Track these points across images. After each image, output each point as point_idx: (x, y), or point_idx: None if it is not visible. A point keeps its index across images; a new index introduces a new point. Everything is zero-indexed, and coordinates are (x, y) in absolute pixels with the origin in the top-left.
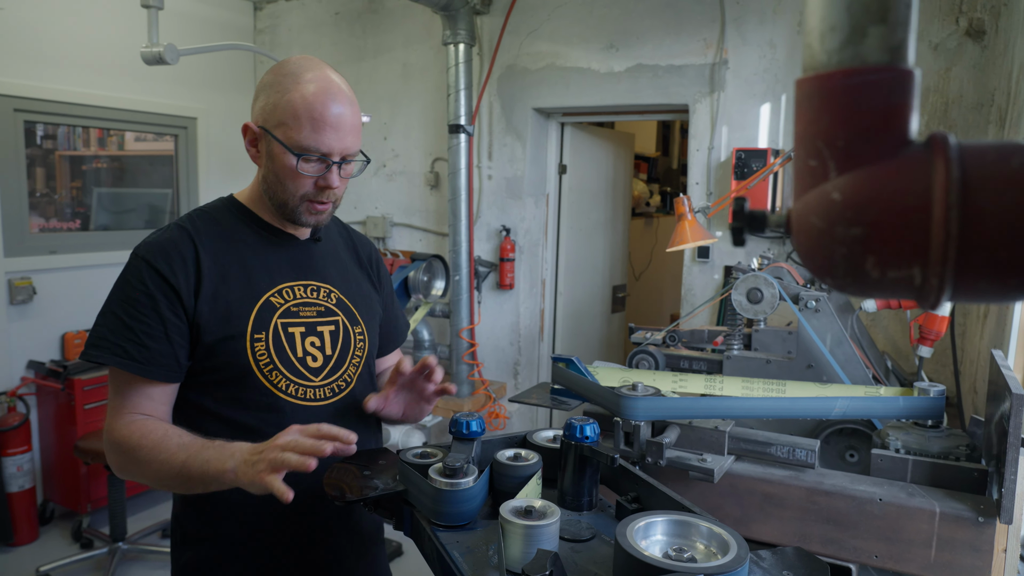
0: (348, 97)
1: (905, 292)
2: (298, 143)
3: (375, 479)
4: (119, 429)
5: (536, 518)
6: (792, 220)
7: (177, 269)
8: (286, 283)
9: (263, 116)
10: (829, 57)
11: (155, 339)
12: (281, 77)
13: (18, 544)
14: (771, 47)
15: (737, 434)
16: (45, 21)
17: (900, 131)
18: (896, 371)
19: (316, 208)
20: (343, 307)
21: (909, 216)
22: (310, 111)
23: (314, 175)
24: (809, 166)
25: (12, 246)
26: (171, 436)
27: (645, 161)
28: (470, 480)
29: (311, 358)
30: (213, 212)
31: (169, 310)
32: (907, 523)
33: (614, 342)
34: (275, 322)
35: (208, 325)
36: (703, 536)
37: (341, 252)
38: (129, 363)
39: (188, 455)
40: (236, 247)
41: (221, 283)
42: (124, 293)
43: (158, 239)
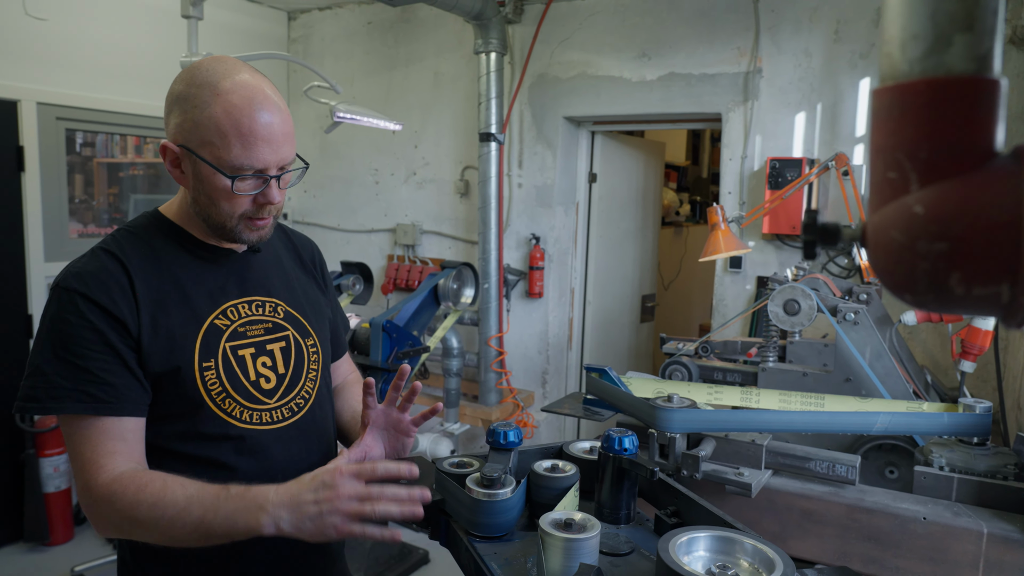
0: (275, 101)
1: (990, 309)
2: (229, 163)
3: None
4: (105, 486)
5: (576, 531)
6: (869, 234)
7: (117, 298)
8: (229, 302)
9: (183, 134)
10: (911, 66)
11: (115, 374)
12: (195, 88)
13: (54, 544)
14: (806, 55)
15: (775, 448)
16: (87, 32)
17: (986, 142)
18: (936, 386)
19: (257, 224)
20: (292, 320)
21: (997, 231)
22: (237, 126)
23: (252, 192)
24: (888, 178)
25: (52, 251)
26: (172, 487)
27: (675, 170)
28: (508, 491)
29: (264, 380)
30: (139, 232)
31: (120, 342)
32: (953, 543)
33: (643, 352)
34: (223, 347)
35: (151, 357)
36: (747, 553)
37: (283, 259)
38: (97, 406)
39: (204, 510)
40: (169, 269)
41: (159, 310)
42: (64, 333)
43: (86, 268)
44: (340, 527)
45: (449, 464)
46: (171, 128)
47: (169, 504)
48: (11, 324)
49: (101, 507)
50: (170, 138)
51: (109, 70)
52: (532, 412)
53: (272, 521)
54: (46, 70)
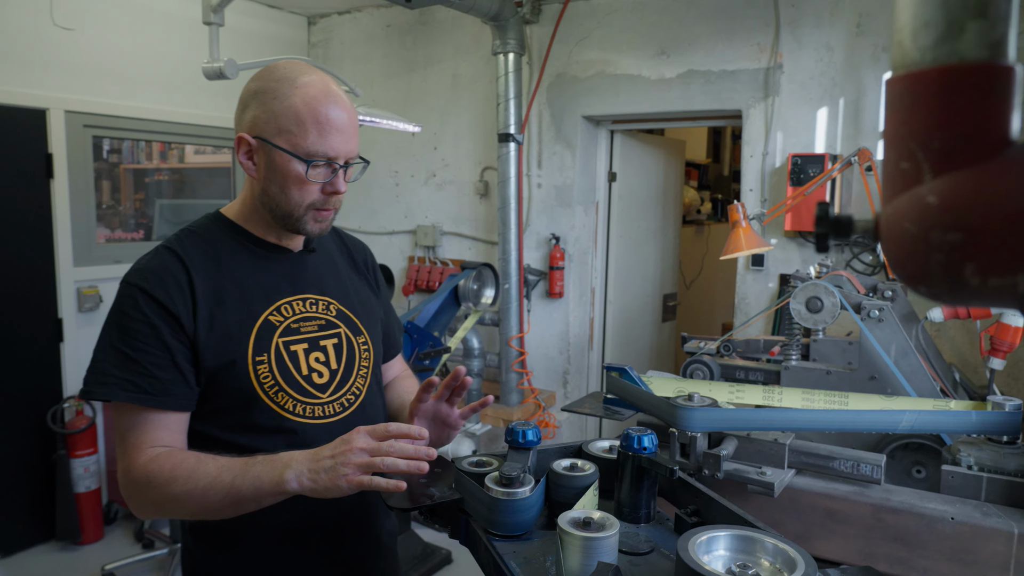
0: (345, 99)
1: (1007, 301)
2: (305, 149)
3: (431, 487)
4: (143, 467)
5: (595, 530)
6: (882, 225)
7: (174, 295)
8: (284, 299)
9: (259, 126)
10: (923, 54)
11: (163, 368)
12: (274, 83)
13: (85, 543)
14: (828, 50)
15: (798, 447)
16: (111, 41)
17: (1001, 131)
18: (964, 384)
19: (321, 215)
20: (344, 318)
21: (1013, 220)
22: (315, 115)
23: (321, 181)
24: (900, 169)
25: (81, 256)
26: (205, 461)
27: (696, 168)
28: (527, 490)
29: (316, 374)
30: (202, 231)
31: (172, 337)
32: (982, 544)
33: (664, 351)
34: (276, 342)
35: (207, 351)
36: (768, 552)
37: (337, 260)
38: (141, 396)
39: (234, 475)
40: (228, 267)
41: (216, 306)
42: (123, 325)
43: (149, 265)
44: (351, 477)
45: (468, 463)
46: (246, 122)
47: (202, 475)
48: (41, 328)
49: (140, 488)
50: (245, 131)
51: (134, 78)
52: (553, 412)
53: (295, 475)
54: (73, 79)
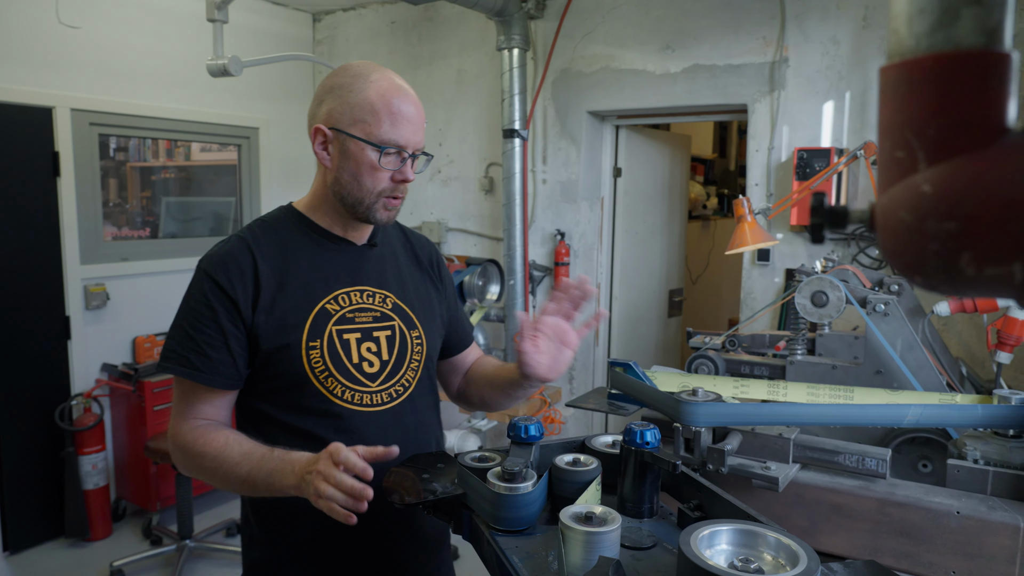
0: (414, 95)
1: (1004, 290)
2: (379, 137)
3: (434, 483)
4: (183, 434)
5: (597, 524)
6: (877, 215)
7: (235, 280)
8: (341, 289)
9: (334, 117)
10: (918, 41)
11: (216, 349)
12: (349, 79)
13: (93, 540)
14: (834, 43)
15: (802, 441)
16: (117, 39)
17: (997, 118)
18: (972, 378)
19: (390, 204)
20: (399, 312)
21: (1009, 208)
22: (388, 106)
23: (392, 169)
24: (896, 158)
25: (87, 254)
26: (232, 445)
27: (702, 163)
28: (529, 484)
29: (367, 364)
30: (272, 221)
31: (228, 320)
32: (988, 538)
33: (671, 347)
34: (330, 329)
35: (265, 334)
36: (771, 547)
37: (399, 255)
38: (192, 372)
39: (251, 466)
40: (293, 255)
41: (278, 292)
42: (188, 306)
43: (219, 251)
44: (314, 497)
45: (471, 458)
46: (322, 114)
47: (225, 459)
48: (50, 325)
49: (176, 452)
50: (321, 122)
51: (139, 76)
52: (559, 408)
53: (296, 483)
54: (79, 77)
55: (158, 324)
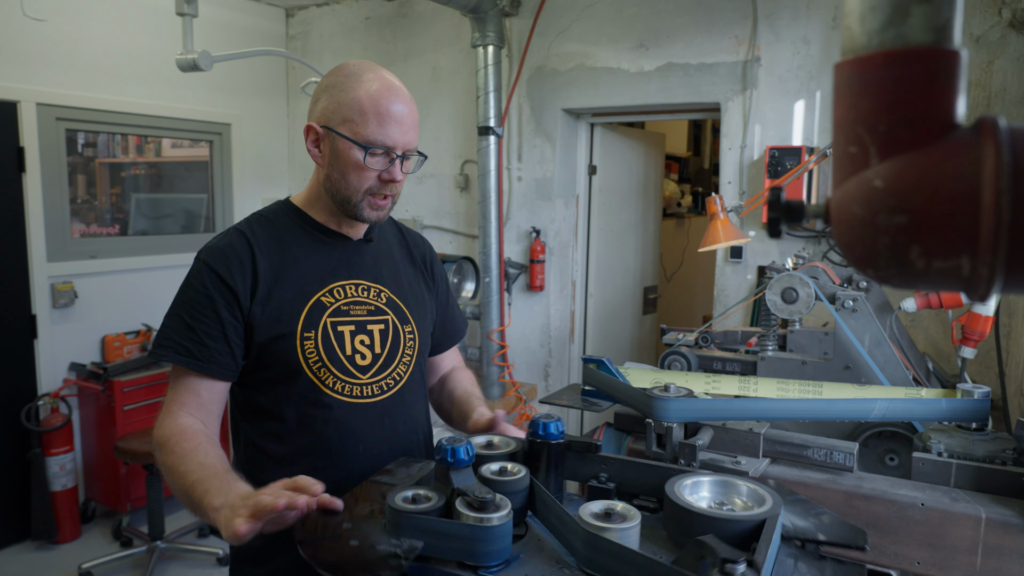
0: (407, 96)
1: (952, 283)
2: (365, 137)
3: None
4: (164, 428)
5: (617, 520)
6: (831, 209)
7: (235, 272)
8: (337, 283)
9: (326, 116)
10: (870, 39)
11: (214, 339)
12: (343, 78)
13: (61, 542)
14: (805, 43)
15: (772, 436)
16: (84, 32)
17: (946, 115)
18: (938, 373)
19: (377, 203)
20: (393, 306)
21: (957, 203)
22: (376, 107)
23: (379, 168)
24: (849, 153)
25: (55, 251)
26: (198, 452)
27: (676, 161)
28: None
29: (360, 356)
30: (270, 215)
31: (227, 311)
32: (951, 529)
33: (645, 344)
34: (325, 321)
35: (261, 325)
36: (742, 494)
37: (395, 251)
38: (190, 361)
39: (198, 477)
40: (290, 249)
41: (275, 284)
42: (187, 295)
43: (218, 243)
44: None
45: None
46: (316, 112)
47: (185, 461)
48: (15, 324)
49: (154, 447)
50: (314, 120)
51: (108, 70)
52: (534, 405)
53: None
54: (45, 71)
55: (128, 323)
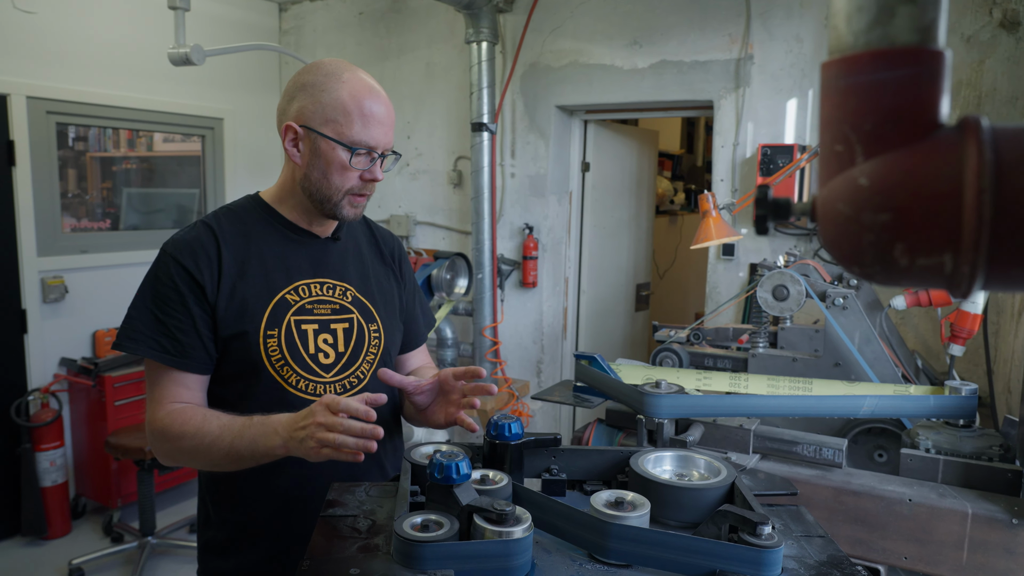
0: (385, 96)
1: (935, 280)
2: (350, 138)
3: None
4: (159, 420)
5: (627, 509)
6: (818, 207)
7: (202, 266)
8: (303, 281)
9: (305, 115)
10: (856, 39)
11: (185, 333)
12: (322, 77)
13: (51, 538)
14: (798, 41)
15: (762, 432)
16: (75, 25)
17: (930, 114)
18: (927, 370)
19: (356, 201)
20: (359, 305)
21: (939, 201)
22: (360, 107)
23: (362, 169)
24: (835, 151)
25: (45, 246)
26: (210, 420)
27: (669, 158)
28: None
29: (323, 355)
30: (238, 210)
31: (196, 305)
32: (938, 524)
33: (638, 340)
34: (288, 319)
35: (224, 320)
36: (700, 467)
37: (363, 249)
38: (164, 356)
39: (232, 437)
40: (256, 244)
41: (239, 279)
42: (155, 289)
43: (184, 236)
44: (315, 450)
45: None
46: (293, 111)
47: (206, 434)
48: (5, 319)
49: (156, 440)
50: (292, 120)
51: (99, 63)
52: (527, 402)
53: (282, 443)
54: (35, 64)
55: (119, 318)
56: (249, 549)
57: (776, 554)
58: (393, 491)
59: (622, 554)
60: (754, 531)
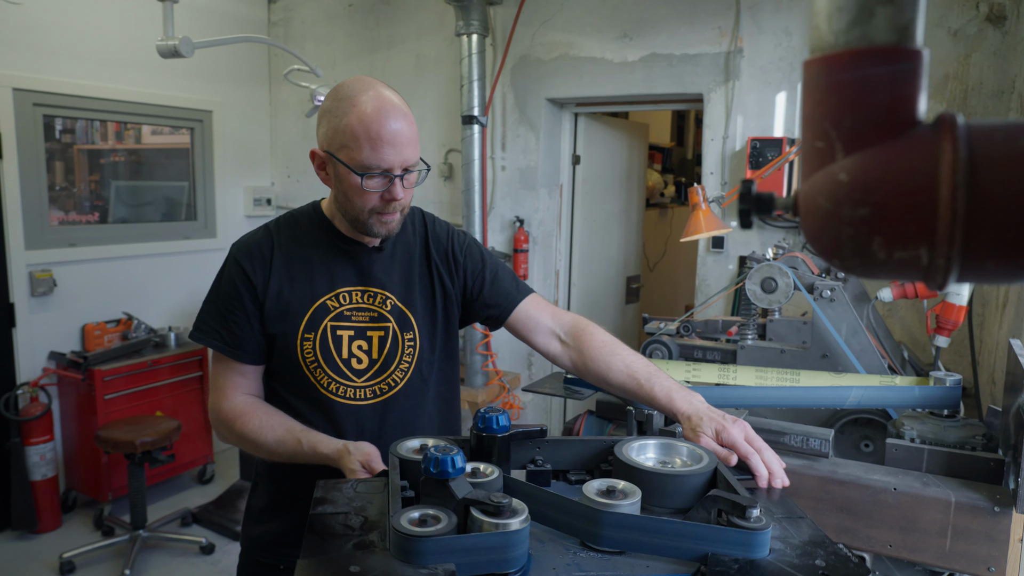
0: (403, 111)
1: (912, 273)
2: (360, 162)
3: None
4: (223, 411)
5: (619, 497)
6: (799, 202)
7: (257, 267)
8: (345, 288)
9: (327, 141)
10: (836, 38)
11: (241, 327)
12: (337, 102)
13: (42, 531)
14: (787, 35)
15: (751, 423)
16: (62, 16)
17: (908, 112)
18: (913, 362)
19: (384, 219)
20: (397, 313)
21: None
22: (367, 131)
23: (379, 190)
24: (816, 148)
25: (33, 239)
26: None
27: (659, 151)
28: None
29: (356, 360)
30: (299, 216)
31: (251, 302)
32: (922, 513)
33: (628, 333)
34: (325, 324)
35: (269, 318)
36: (683, 454)
37: (413, 257)
38: (223, 347)
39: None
40: (307, 250)
41: (287, 282)
42: (220, 286)
43: (248, 240)
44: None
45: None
46: (320, 137)
47: (264, 444)
48: None
49: (219, 427)
50: (319, 145)
51: (86, 55)
52: (518, 393)
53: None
54: (22, 55)
55: (108, 311)
56: (278, 518)
57: (765, 536)
58: (380, 487)
59: (616, 541)
60: (743, 514)
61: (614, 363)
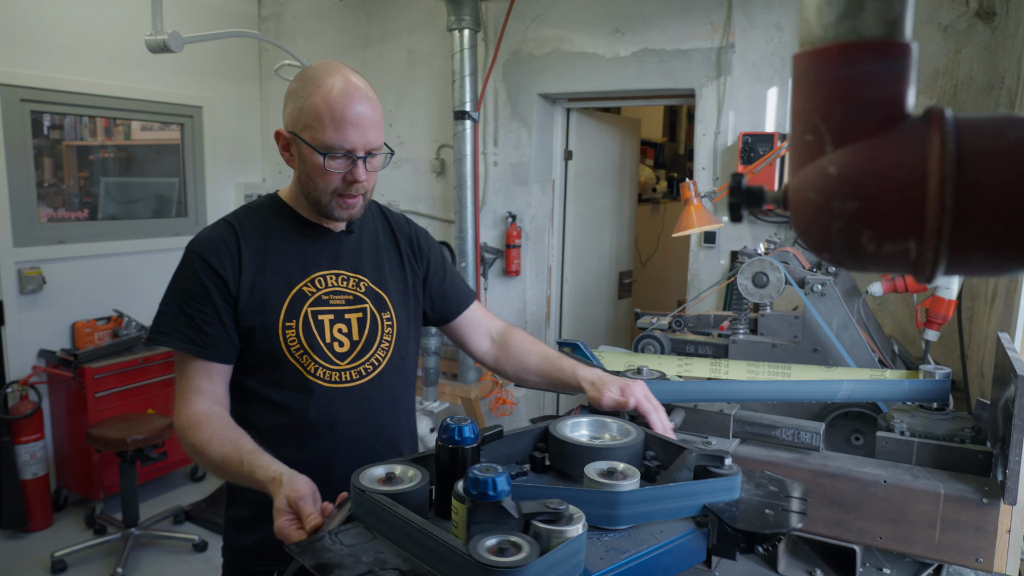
0: (367, 95)
1: (901, 266)
2: (323, 142)
3: None
4: (182, 418)
5: (619, 478)
6: (789, 195)
7: (225, 262)
8: (318, 273)
9: (291, 121)
10: (826, 31)
11: (211, 325)
12: (304, 84)
13: (33, 530)
14: (778, 30)
15: (742, 417)
16: (50, 11)
17: (897, 105)
18: (903, 355)
19: (346, 202)
20: (372, 295)
21: (904, 189)
22: (331, 112)
23: (341, 171)
24: (806, 141)
25: (21, 236)
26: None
27: (652, 147)
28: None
29: (338, 343)
30: (258, 209)
31: (220, 299)
32: (912, 505)
33: (620, 328)
34: (305, 310)
35: (246, 313)
36: (612, 431)
37: (379, 240)
38: (192, 347)
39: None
40: (274, 240)
41: (259, 274)
42: (181, 285)
43: (209, 235)
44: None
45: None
46: (284, 118)
47: (208, 458)
48: None
49: (178, 436)
50: (284, 126)
51: (75, 50)
52: (510, 389)
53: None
54: (8, 50)
55: (98, 309)
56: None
57: (738, 479)
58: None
59: (632, 517)
60: (722, 464)
61: (533, 349)
